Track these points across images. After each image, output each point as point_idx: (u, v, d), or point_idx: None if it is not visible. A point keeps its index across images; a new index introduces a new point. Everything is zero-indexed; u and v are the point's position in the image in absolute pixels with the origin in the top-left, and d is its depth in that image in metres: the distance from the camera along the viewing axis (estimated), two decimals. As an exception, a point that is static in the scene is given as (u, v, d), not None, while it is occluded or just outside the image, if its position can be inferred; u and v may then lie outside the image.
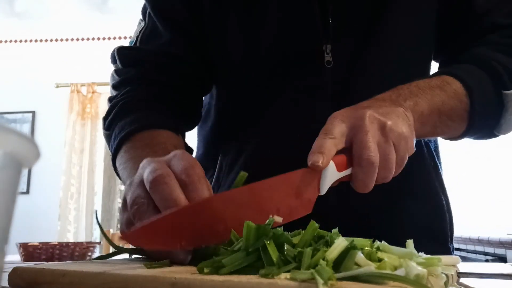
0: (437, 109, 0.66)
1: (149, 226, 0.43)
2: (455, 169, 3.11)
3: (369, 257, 0.36)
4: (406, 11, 0.77)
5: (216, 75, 0.85)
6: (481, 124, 0.71)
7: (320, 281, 0.30)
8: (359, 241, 0.39)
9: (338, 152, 0.55)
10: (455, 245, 0.88)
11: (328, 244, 0.39)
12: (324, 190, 0.53)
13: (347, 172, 0.55)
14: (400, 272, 0.32)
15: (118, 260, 0.54)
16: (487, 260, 2.47)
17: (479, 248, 2.72)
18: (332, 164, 0.53)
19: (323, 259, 0.34)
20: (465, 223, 2.93)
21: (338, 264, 0.35)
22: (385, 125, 0.55)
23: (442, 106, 0.66)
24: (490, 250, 2.59)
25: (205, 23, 0.81)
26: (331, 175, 0.53)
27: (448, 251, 0.82)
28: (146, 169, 0.49)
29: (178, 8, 0.81)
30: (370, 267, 0.33)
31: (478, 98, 0.69)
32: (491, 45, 0.75)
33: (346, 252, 0.35)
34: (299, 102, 0.76)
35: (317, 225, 0.41)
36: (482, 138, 0.76)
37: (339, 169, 0.54)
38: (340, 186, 0.57)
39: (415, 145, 0.60)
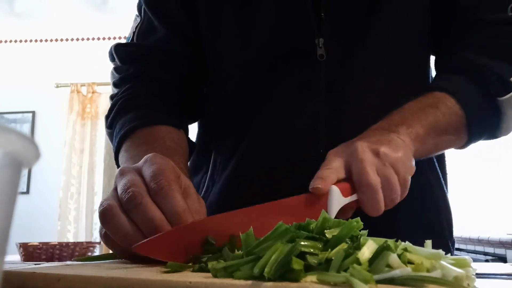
0: (433, 128, 0.66)
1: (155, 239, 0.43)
2: (454, 169, 3.11)
3: (399, 258, 0.32)
4: (400, 6, 0.76)
5: (210, 71, 0.84)
6: (480, 132, 0.72)
7: (362, 284, 0.27)
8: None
9: (341, 181, 0.56)
10: (455, 245, 0.86)
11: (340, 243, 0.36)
12: (332, 216, 0.53)
13: (353, 197, 0.56)
14: (436, 274, 0.30)
15: (114, 261, 0.52)
16: (487, 260, 2.46)
17: (479, 248, 2.72)
18: (336, 189, 0.54)
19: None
20: (465, 223, 2.93)
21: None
22: (378, 151, 0.58)
23: (437, 124, 0.67)
24: (490, 250, 2.58)
25: (199, 18, 0.80)
26: (338, 200, 0.54)
27: (446, 246, 0.80)
28: (120, 184, 0.50)
29: (171, 2, 0.81)
30: (407, 269, 0.30)
31: (472, 108, 0.69)
32: (475, 48, 0.74)
33: (378, 254, 0.32)
34: (293, 98, 0.75)
35: (354, 223, 0.38)
36: (487, 139, 0.76)
37: (345, 194, 0.55)
38: None
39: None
